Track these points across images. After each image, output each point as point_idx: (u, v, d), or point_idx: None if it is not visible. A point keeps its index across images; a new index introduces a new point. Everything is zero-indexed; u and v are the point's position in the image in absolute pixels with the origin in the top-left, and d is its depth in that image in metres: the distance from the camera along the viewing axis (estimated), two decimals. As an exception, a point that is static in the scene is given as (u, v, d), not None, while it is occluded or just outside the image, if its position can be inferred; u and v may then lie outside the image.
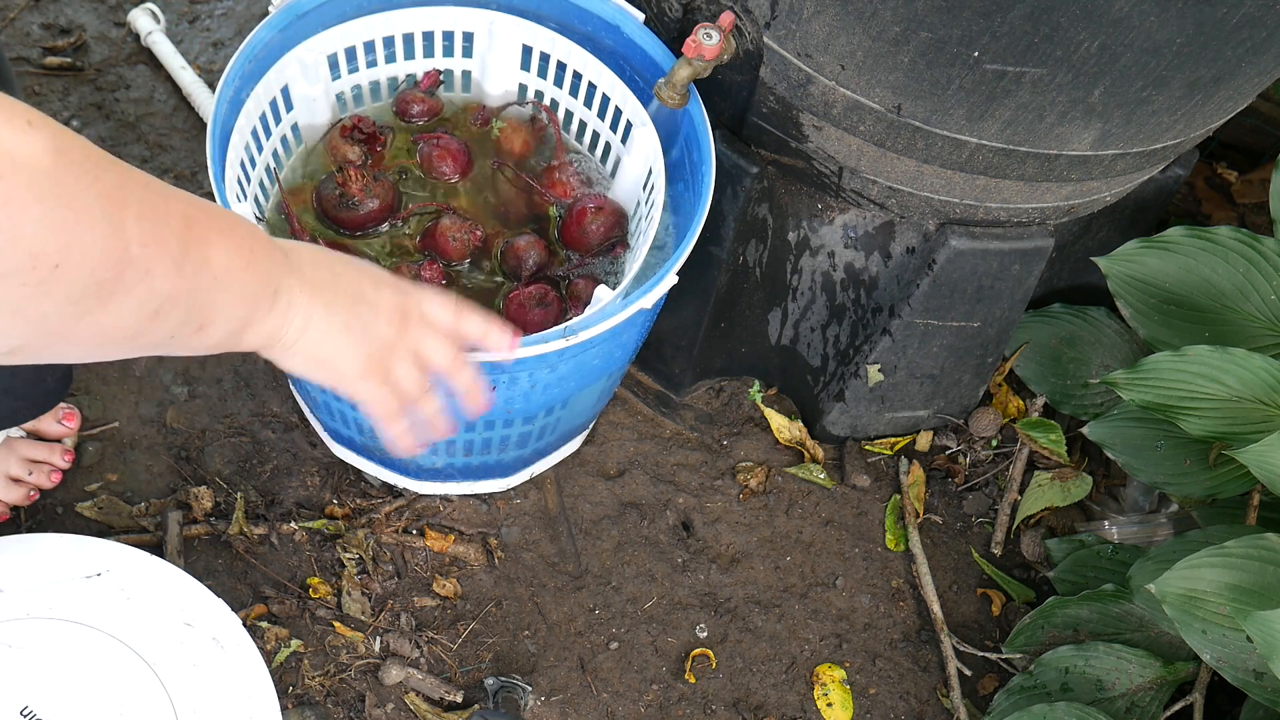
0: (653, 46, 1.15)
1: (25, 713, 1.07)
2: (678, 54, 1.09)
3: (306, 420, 1.35)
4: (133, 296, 0.61)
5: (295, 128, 1.17)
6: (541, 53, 1.19)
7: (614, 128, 1.20)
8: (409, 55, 1.20)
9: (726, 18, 1.06)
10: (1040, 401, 1.45)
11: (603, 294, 1.03)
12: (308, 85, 1.13)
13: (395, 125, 1.22)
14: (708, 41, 1.05)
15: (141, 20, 1.61)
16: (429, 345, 0.85)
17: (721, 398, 1.46)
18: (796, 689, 1.30)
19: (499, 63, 1.21)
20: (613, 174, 1.22)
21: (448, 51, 1.21)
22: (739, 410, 1.45)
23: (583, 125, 1.23)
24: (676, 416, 1.44)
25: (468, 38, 1.20)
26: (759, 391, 1.45)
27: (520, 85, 1.23)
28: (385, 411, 0.85)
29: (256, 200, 1.14)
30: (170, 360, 1.37)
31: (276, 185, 1.16)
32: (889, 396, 1.38)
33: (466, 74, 1.24)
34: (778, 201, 1.25)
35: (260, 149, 1.13)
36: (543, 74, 1.21)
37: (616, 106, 1.17)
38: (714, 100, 1.16)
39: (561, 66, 1.19)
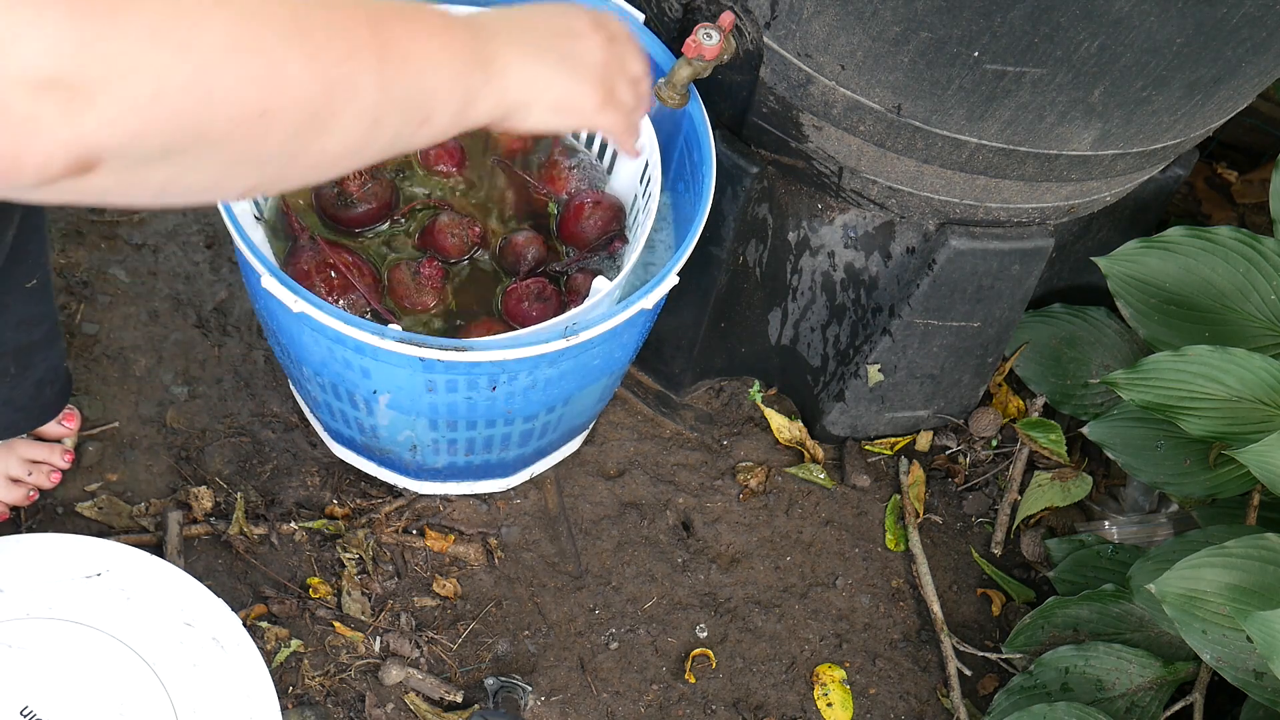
0: (653, 46, 1.15)
1: (25, 713, 1.07)
2: (678, 54, 1.09)
3: (306, 420, 1.35)
4: (347, 115, 0.62)
5: None
6: None
7: None
8: None
9: (726, 18, 1.06)
10: (1040, 401, 1.45)
11: (601, 285, 1.03)
12: None
13: None
14: (708, 41, 1.05)
15: (141, 20, 1.61)
16: (630, 58, 0.87)
17: (721, 398, 1.46)
18: (796, 689, 1.30)
19: None
20: (610, 169, 1.22)
21: None
22: (739, 410, 1.45)
23: None
24: (676, 416, 1.44)
25: None
26: (759, 391, 1.45)
27: None
28: (622, 130, 0.87)
29: (255, 201, 1.14)
30: (170, 360, 1.37)
31: None
32: (889, 396, 1.38)
33: None
34: (778, 201, 1.25)
35: None
36: None
37: None
38: (714, 100, 1.16)
39: None
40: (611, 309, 1.01)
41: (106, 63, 0.48)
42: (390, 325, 0.96)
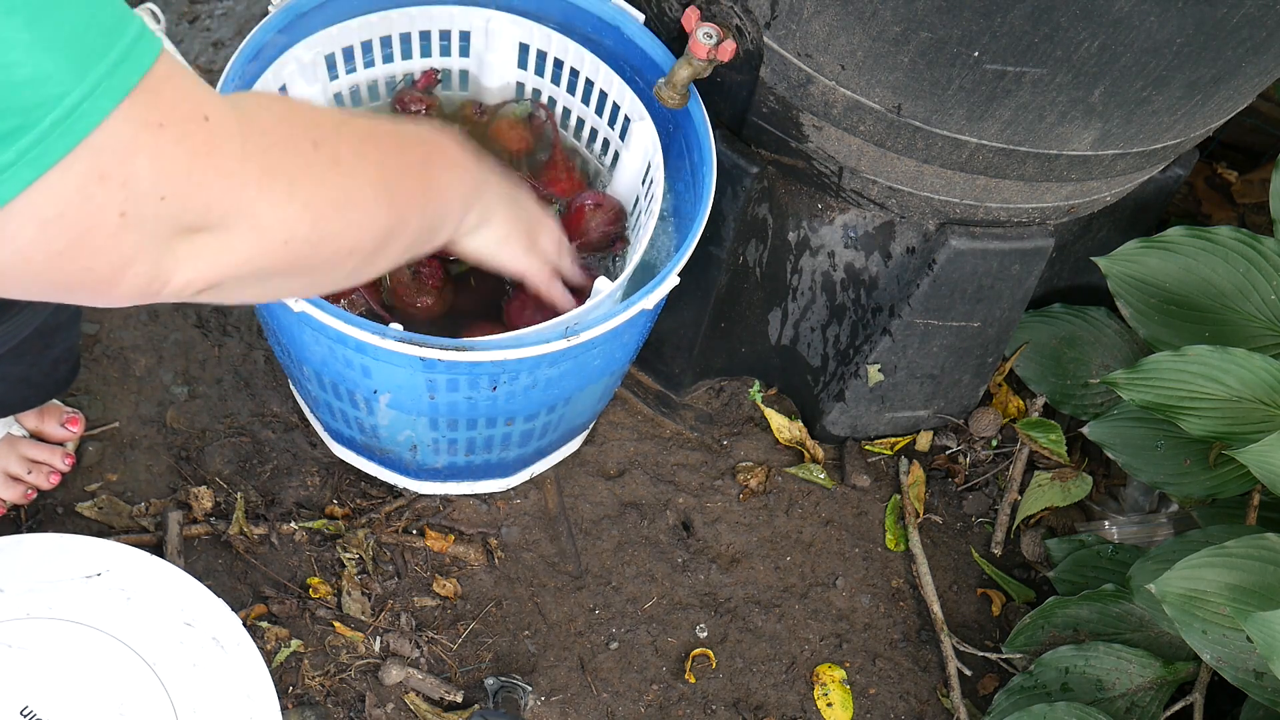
0: (653, 47, 1.15)
1: (25, 713, 1.07)
2: (677, 54, 1.09)
3: (306, 420, 1.35)
4: (397, 245, 0.76)
5: None
6: (539, 50, 1.19)
7: (612, 124, 1.20)
8: (406, 55, 1.20)
9: (727, 48, 1.06)
10: (1040, 401, 1.45)
11: (602, 285, 1.03)
12: (306, 85, 1.13)
13: None
14: (707, 42, 1.05)
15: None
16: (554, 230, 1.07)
17: (721, 398, 1.46)
18: (796, 689, 1.30)
19: (497, 61, 1.21)
20: (612, 167, 1.22)
21: (445, 51, 1.21)
22: (739, 410, 1.45)
23: (580, 121, 1.23)
24: (676, 416, 1.44)
25: (465, 36, 1.20)
26: (759, 391, 1.45)
27: (518, 83, 1.23)
28: (545, 278, 1.04)
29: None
30: (170, 360, 1.37)
31: None
32: (889, 396, 1.38)
33: (464, 73, 1.24)
34: (778, 201, 1.25)
35: None
36: (540, 71, 1.21)
37: (614, 102, 1.17)
38: (714, 100, 1.16)
39: (559, 64, 1.19)
40: (613, 309, 1.01)
41: (251, 217, 0.60)
42: (391, 325, 0.96)
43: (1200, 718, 1.19)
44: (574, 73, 1.19)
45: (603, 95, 1.18)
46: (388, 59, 1.20)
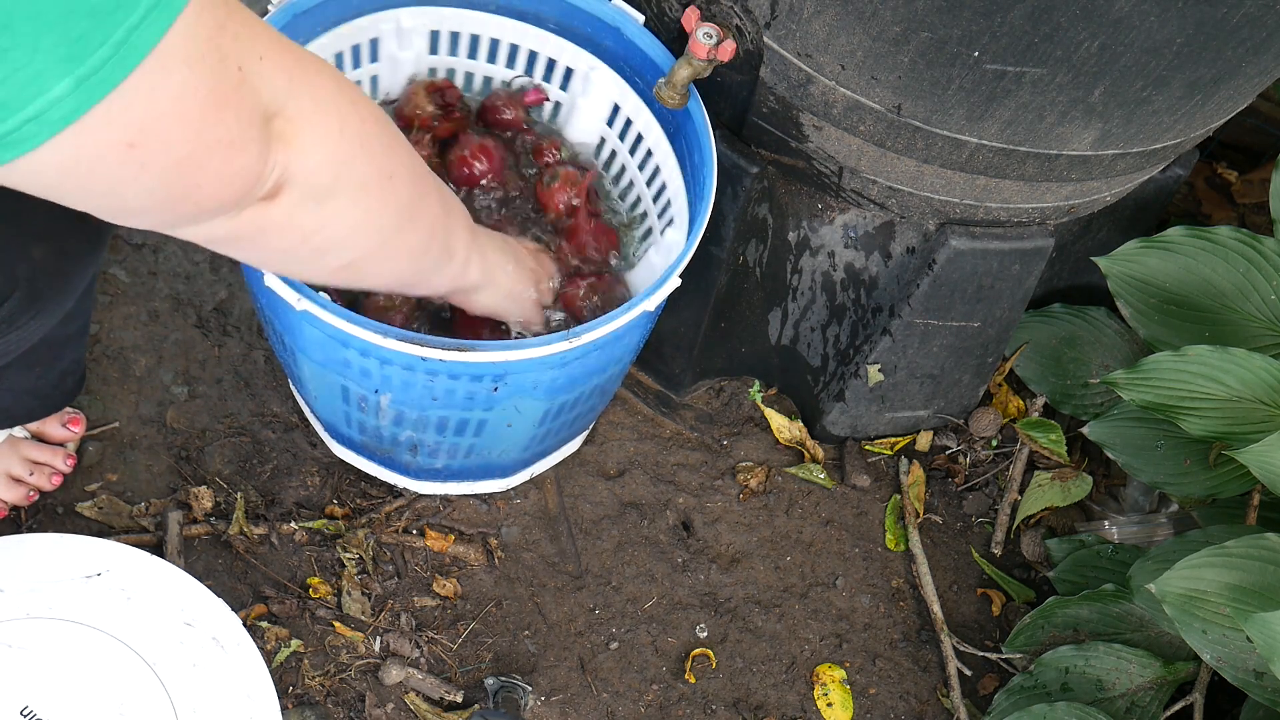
0: (653, 48, 1.15)
1: (25, 713, 1.07)
2: (677, 54, 1.09)
3: (306, 420, 1.35)
4: (422, 215, 0.84)
5: (375, 79, 1.21)
6: (627, 118, 1.20)
7: (660, 217, 1.21)
8: (510, 65, 1.23)
9: (727, 48, 1.06)
10: (1040, 401, 1.45)
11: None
12: (398, 49, 1.17)
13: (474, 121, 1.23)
14: (707, 42, 1.05)
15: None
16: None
17: (721, 398, 1.46)
18: (796, 689, 1.30)
19: (588, 108, 1.23)
20: (639, 250, 1.23)
21: (547, 77, 1.23)
22: (739, 410, 1.45)
23: (638, 200, 1.24)
24: (676, 416, 1.44)
25: (568, 74, 1.21)
26: (759, 391, 1.45)
27: (601, 138, 1.24)
28: (541, 325, 1.13)
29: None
30: (170, 360, 1.37)
31: None
32: (889, 396, 1.38)
33: (557, 105, 1.25)
34: (778, 201, 1.25)
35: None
36: (622, 136, 1.23)
37: (669, 199, 1.17)
38: (714, 100, 1.16)
39: (640, 139, 1.20)
40: (615, 311, 1.01)
41: (313, 100, 0.68)
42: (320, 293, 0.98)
43: (1200, 718, 1.19)
44: (648, 154, 1.20)
45: (663, 187, 1.19)
46: (491, 59, 1.22)
